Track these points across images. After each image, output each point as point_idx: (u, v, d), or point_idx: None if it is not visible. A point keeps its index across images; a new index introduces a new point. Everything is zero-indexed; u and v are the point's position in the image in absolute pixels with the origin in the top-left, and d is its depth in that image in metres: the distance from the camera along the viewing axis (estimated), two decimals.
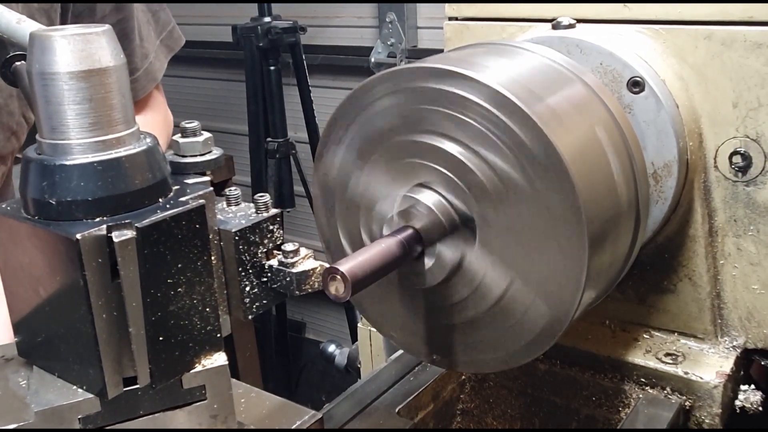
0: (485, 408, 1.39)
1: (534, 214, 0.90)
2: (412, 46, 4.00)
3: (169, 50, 1.75)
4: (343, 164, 1.04)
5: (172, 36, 1.76)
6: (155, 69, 1.69)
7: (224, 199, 0.87)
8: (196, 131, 0.86)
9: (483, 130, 0.91)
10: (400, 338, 1.11)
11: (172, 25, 1.76)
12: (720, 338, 1.26)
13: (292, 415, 0.98)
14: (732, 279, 1.23)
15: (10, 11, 0.91)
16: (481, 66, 0.97)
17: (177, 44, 1.78)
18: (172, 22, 1.76)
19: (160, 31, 1.72)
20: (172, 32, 1.75)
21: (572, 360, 1.28)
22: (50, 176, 0.72)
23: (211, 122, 4.65)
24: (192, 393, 0.79)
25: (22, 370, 0.81)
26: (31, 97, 0.74)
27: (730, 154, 1.17)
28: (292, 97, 3.94)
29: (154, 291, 0.73)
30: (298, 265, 0.86)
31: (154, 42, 1.70)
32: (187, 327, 0.76)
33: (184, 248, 0.74)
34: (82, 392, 0.75)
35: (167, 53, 1.75)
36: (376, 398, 1.22)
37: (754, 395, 1.23)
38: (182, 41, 1.79)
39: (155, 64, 1.69)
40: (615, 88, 1.16)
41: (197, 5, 4.64)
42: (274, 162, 3.86)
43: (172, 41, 1.76)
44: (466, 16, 1.39)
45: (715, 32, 1.14)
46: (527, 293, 0.94)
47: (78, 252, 0.69)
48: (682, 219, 1.23)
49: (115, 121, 0.74)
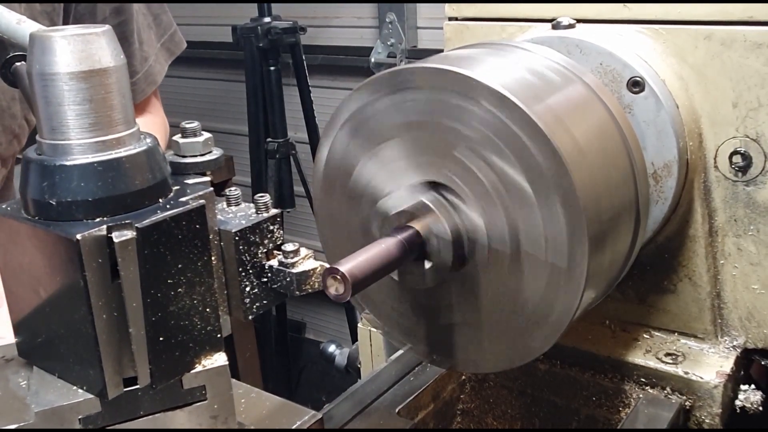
0: (485, 408, 1.39)
1: (534, 215, 0.90)
2: (412, 46, 4.00)
3: (170, 54, 1.75)
4: (345, 157, 1.04)
5: (173, 39, 1.76)
6: (155, 72, 1.69)
7: (224, 200, 0.87)
8: (196, 131, 0.86)
9: (483, 130, 0.91)
10: (399, 337, 1.11)
11: (174, 28, 1.76)
12: (720, 338, 1.26)
13: (292, 415, 0.98)
14: (732, 279, 1.23)
15: (10, 12, 0.91)
16: (481, 66, 0.97)
17: (178, 48, 1.77)
18: (173, 26, 1.76)
19: (161, 34, 1.72)
20: (173, 36, 1.75)
21: (572, 360, 1.28)
22: (50, 177, 0.72)
23: (211, 122, 4.65)
24: (192, 393, 0.79)
25: (22, 370, 0.81)
26: (31, 98, 0.74)
27: (730, 154, 1.17)
28: (292, 97, 3.94)
29: (154, 291, 0.73)
30: (298, 266, 0.86)
31: (154, 45, 1.70)
32: (187, 327, 0.76)
33: (185, 248, 0.74)
34: (82, 393, 0.75)
35: (168, 57, 1.75)
36: (376, 398, 1.22)
37: (754, 395, 1.23)
38: (183, 45, 1.79)
39: (155, 67, 1.69)
40: (615, 88, 1.16)
41: (197, 6, 4.64)
42: (274, 162, 3.86)
43: (173, 45, 1.76)
44: (466, 16, 1.39)
45: (715, 32, 1.14)
46: (527, 294, 0.94)
47: (78, 252, 0.69)
48: (682, 219, 1.23)
49: (115, 122, 0.74)
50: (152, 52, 1.68)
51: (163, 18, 1.73)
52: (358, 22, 4.22)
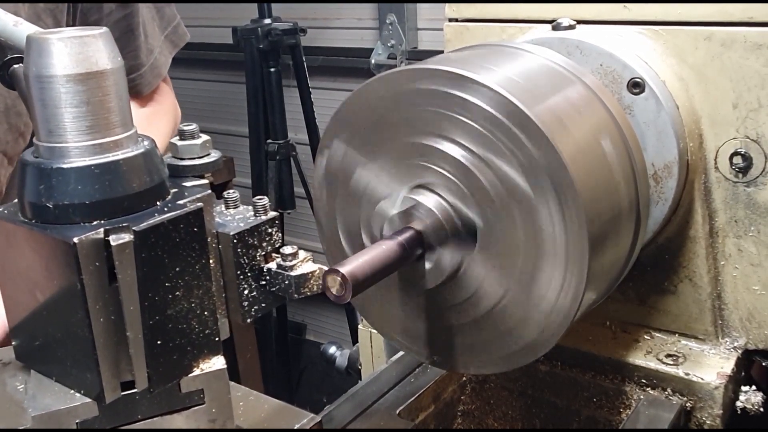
0: (486, 409, 1.38)
1: (534, 216, 0.90)
2: (413, 47, 4.00)
3: (174, 45, 1.77)
4: (345, 158, 1.04)
5: (177, 32, 1.77)
6: (160, 64, 1.71)
7: (223, 202, 0.87)
8: (194, 134, 0.86)
9: (484, 131, 0.91)
10: (400, 339, 1.11)
11: (177, 20, 1.78)
12: (721, 339, 1.26)
13: (290, 418, 0.97)
14: (733, 280, 1.23)
15: (7, 14, 0.90)
16: (481, 68, 0.96)
17: (182, 40, 1.79)
18: (177, 18, 1.78)
19: (165, 26, 1.74)
20: (177, 28, 1.77)
21: (573, 361, 1.28)
22: (47, 179, 0.72)
23: (212, 124, 4.65)
24: (190, 397, 0.79)
25: (19, 374, 0.81)
26: (28, 100, 0.74)
27: (731, 155, 1.17)
28: (292, 98, 3.94)
29: (151, 295, 0.72)
30: (296, 268, 0.85)
31: (158, 37, 1.71)
32: (185, 331, 0.76)
33: (182, 252, 0.74)
34: (79, 396, 0.74)
35: (172, 48, 1.76)
36: (377, 400, 1.22)
37: (755, 396, 1.23)
38: (187, 37, 1.81)
39: (160, 59, 1.71)
40: (615, 89, 1.15)
41: (197, 7, 4.64)
42: (275, 164, 3.86)
43: (177, 37, 1.77)
44: (466, 18, 1.38)
45: (715, 33, 1.14)
46: (527, 295, 0.94)
47: (75, 256, 0.69)
48: (683, 220, 1.22)
49: (112, 124, 0.74)
50: (156, 45, 1.70)
51: (166, 10, 1.74)
52: (359, 23, 4.22)
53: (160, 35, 1.72)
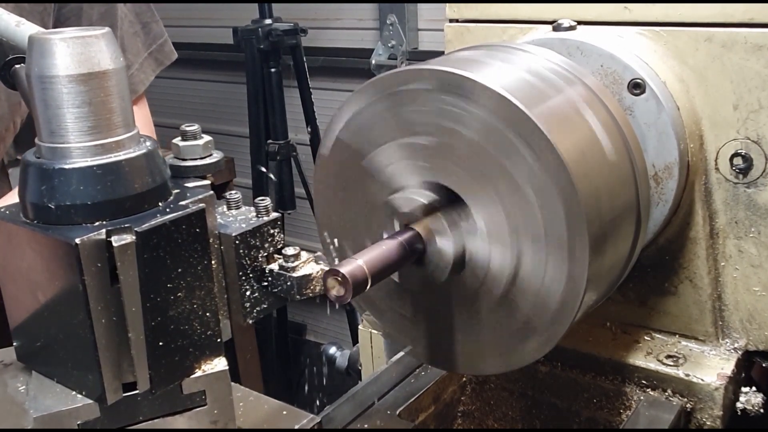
0: (486, 410, 1.38)
1: (535, 216, 0.90)
2: (413, 48, 3.99)
3: (158, 63, 1.74)
4: (345, 159, 1.04)
5: (163, 50, 1.75)
6: (136, 81, 1.68)
7: (224, 203, 0.87)
8: (196, 134, 0.86)
9: (484, 132, 0.91)
10: (400, 340, 1.11)
11: (165, 38, 1.75)
12: (721, 340, 1.26)
13: (290, 418, 0.97)
14: (733, 281, 1.23)
15: (10, 14, 0.91)
16: (482, 68, 0.97)
17: (168, 58, 1.76)
18: (164, 36, 1.75)
19: (150, 43, 1.71)
20: (163, 46, 1.74)
21: (573, 362, 1.28)
22: (49, 180, 0.72)
23: (212, 124, 4.65)
24: (192, 398, 0.79)
25: (20, 375, 0.81)
26: (30, 101, 0.74)
27: (731, 156, 1.17)
28: (292, 99, 3.94)
29: (153, 296, 0.72)
30: (299, 269, 0.85)
31: (140, 53, 1.69)
32: (187, 332, 0.76)
33: (184, 252, 0.74)
34: (81, 398, 0.74)
35: (155, 66, 1.74)
36: (377, 400, 1.22)
37: (755, 397, 1.23)
38: (174, 56, 1.78)
39: (138, 75, 1.68)
40: (616, 90, 1.15)
41: (198, 7, 4.63)
42: (275, 164, 3.86)
43: (163, 55, 1.75)
44: (466, 18, 1.38)
45: (716, 34, 1.14)
46: (527, 296, 0.94)
47: (77, 257, 0.69)
48: (683, 221, 1.22)
49: (114, 125, 0.74)
50: (136, 61, 1.67)
51: (153, 27, 1.72)
52: (359, 23, 4.22)
53: (143, 51, 1.69)
